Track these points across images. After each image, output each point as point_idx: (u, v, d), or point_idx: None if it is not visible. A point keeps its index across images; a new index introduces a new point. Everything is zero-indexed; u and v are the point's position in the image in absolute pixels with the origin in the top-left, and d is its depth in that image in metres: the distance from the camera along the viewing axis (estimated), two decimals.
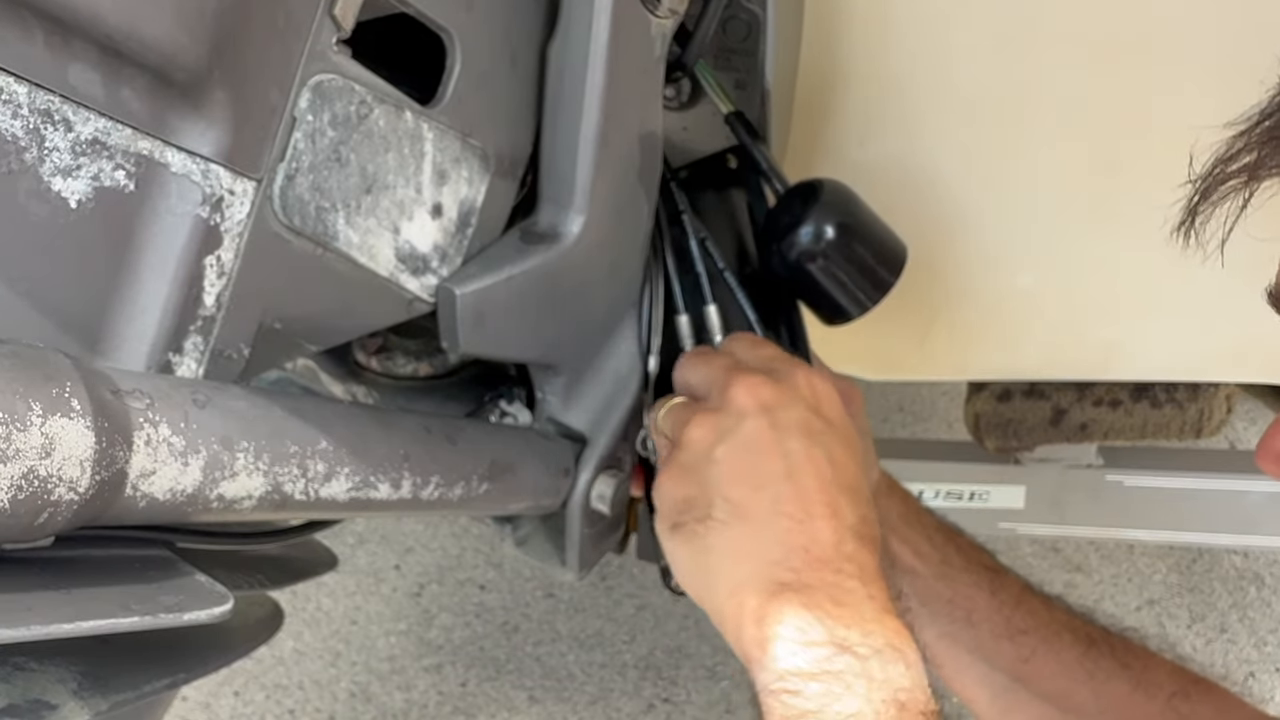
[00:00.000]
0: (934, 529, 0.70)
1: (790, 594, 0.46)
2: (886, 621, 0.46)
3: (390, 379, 0.63)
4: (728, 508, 0.49)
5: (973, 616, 0.68)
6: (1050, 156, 0.74)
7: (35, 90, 0.32)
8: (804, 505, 0.48)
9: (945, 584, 0.68)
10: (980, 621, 0.68)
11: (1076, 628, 0.71)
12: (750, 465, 0.49)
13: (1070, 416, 1.17)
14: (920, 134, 0.74)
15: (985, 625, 0.68)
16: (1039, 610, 0.70)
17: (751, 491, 0.49)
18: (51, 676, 0.35)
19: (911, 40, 0.70)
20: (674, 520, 0.51)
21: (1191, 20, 0.68)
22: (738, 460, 0.49)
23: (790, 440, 0.49)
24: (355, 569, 1.59)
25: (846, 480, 0.50)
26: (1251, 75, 0.70)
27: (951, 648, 0.69)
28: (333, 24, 0.38)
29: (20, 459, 0.29)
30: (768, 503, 0.48)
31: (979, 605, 0.68)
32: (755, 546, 0.48)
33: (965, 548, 0.71)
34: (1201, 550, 1.60)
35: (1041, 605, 0.70)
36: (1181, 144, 0.73)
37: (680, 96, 0.62)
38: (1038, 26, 0.69)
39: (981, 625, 0.68)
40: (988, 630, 0.68)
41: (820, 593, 0.46)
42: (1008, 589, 0.69)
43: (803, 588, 0.46)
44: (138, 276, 0.36)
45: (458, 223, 0.48)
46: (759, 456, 0.49)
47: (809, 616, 0.45)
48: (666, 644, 1.49)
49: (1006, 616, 0.68)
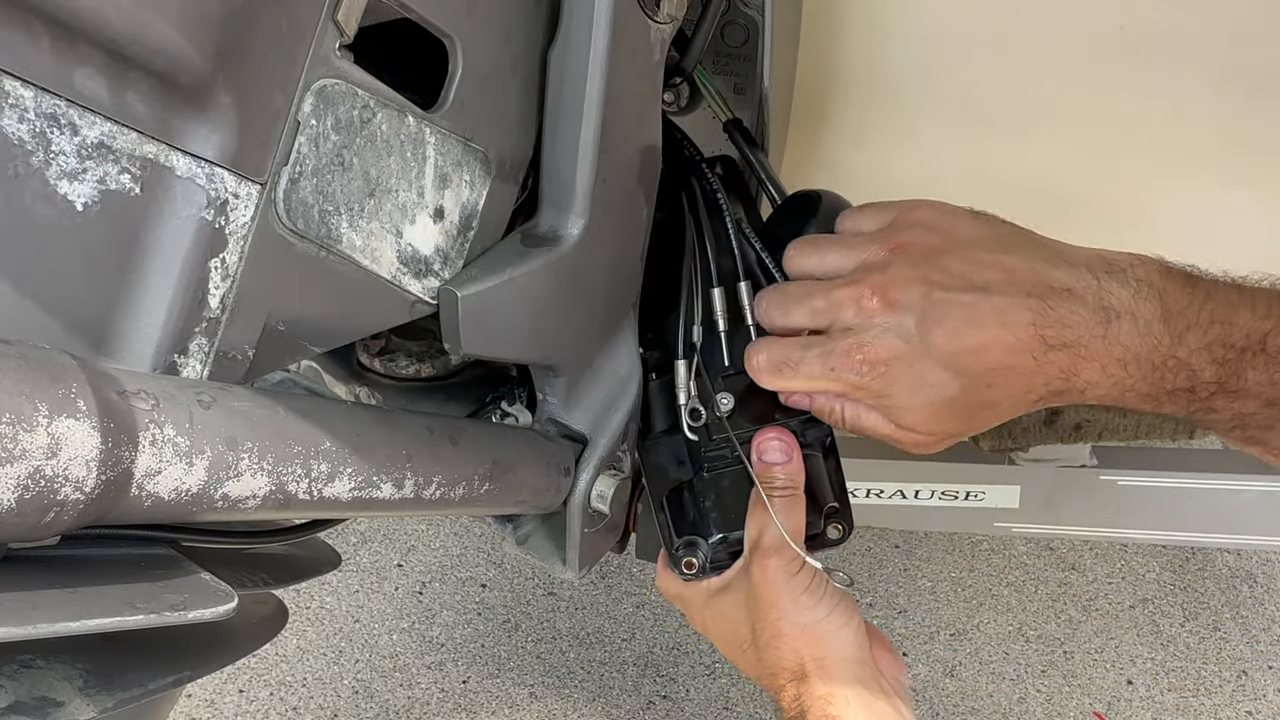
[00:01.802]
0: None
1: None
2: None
3: (393, 380, 0.64)
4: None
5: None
6: (1045, 160, 0.74)
7: (41, 94, 0.33)
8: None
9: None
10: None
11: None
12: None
13: (1064, 417, 1.18)
14: (917, 138, 0.75)
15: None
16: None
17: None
18: (58, 674, 0.36)
19: (908, 45, 0.70)
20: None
21: (1188, 23, 0.69)
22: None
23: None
24: (358, 567, 1.59)
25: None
26: (1249, 77, 0.71)
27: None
28: (336, 29, 0.39)
29: (27, 459, 0.30)
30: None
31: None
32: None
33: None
34: (1195, 549, 1.61)
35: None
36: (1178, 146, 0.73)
37: (679, 101, 0.62)
38: (1033, 32, 0.69)
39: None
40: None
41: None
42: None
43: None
44: (143, 279, 0.37)
45: (459, 225, 0.48)
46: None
47: None
48: (665, 641, 1.49)
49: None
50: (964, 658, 1.48)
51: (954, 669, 1.46)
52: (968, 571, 1.59)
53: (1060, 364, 0.49)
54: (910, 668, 1.45)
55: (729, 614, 0.60)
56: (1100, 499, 1.49)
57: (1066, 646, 1.48)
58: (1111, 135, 0.74)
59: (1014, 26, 0.69)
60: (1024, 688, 1.43)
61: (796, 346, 0.54)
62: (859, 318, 0.51)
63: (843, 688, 0.55)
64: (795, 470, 0.58)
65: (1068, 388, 0.50)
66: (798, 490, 0.59)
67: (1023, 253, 0.50)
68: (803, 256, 0.55)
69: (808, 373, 0.53)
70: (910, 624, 1.52)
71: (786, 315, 0.55)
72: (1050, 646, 1.48)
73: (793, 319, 0.54)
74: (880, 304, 0.50)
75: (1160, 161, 0.77)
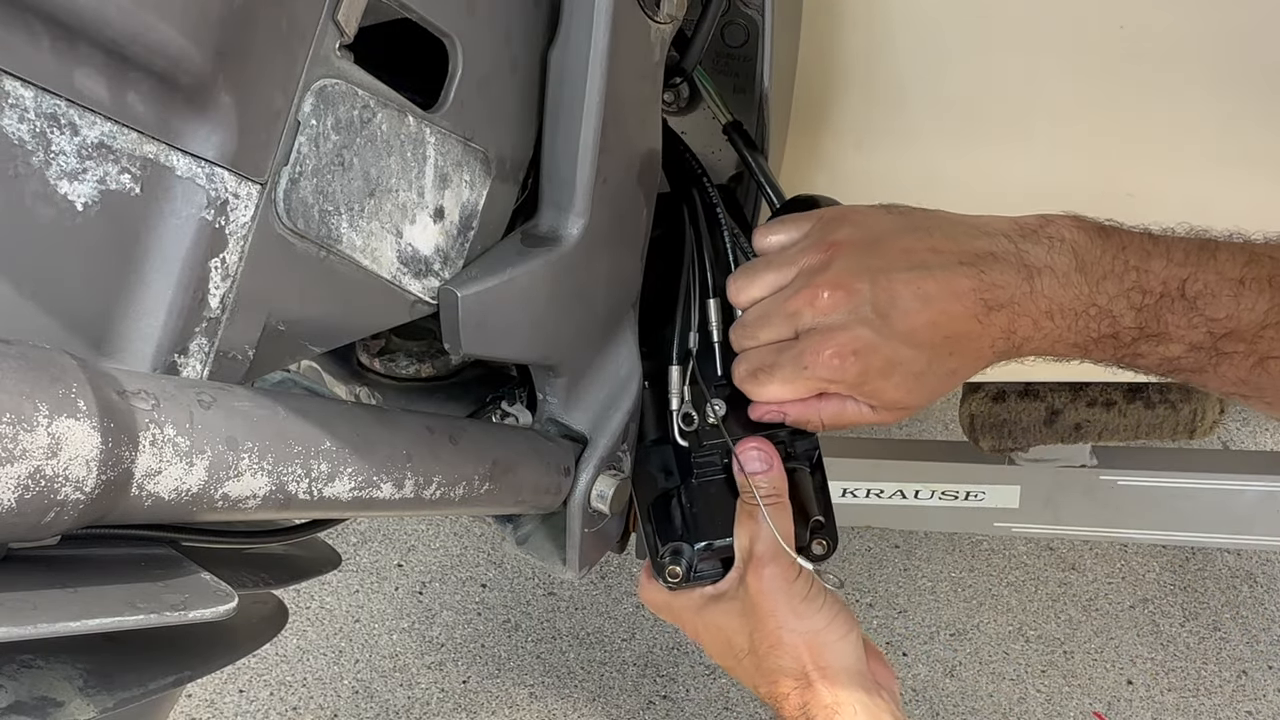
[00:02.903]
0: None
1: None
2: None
3: (393, 380, 0.64)
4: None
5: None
6: (1045, 161, 0.74)
7: (41, 94, 0.33)
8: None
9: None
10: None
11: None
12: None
13: (1064, 417, 1.18)
14: (917, 139, 0.75)
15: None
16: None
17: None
18: (58, 674, 0.35)
19: (908, 46, 0.70)
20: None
21: (1188, 23, 0.69)
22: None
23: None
24: (358, 567, 1.59)
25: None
26: (1249, 77, 0.71)
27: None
28: (336, 29, 0.39)
29: (27, 459, 0.30)
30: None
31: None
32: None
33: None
34: (1195, 549, 1.61)
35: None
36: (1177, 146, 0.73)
37: (679, 101, 0.62)
38: (1033, 32, 0.69)
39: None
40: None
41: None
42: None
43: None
44: (143, 279, 0.37)
45: (459, 225, 0.48)
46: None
47: None
48: (665, 642, 1.49)
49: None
50: (964, 658, 1.48)
51: (954, 669, 1.46)
52: (968, 571, 1.59)
53: (1000, 324, 0.52)
54: (910, 668, 1.45)
55: (723, 623, 0.60)
56: (1100, 499, 1.49)
57: (1066, 646, 1.48)
58: (1112, 135, 0.74)
59: (1014, 27, 0.69)
60: (1024, 688, 1.43)
61: (771, 353, 0.56)
62: (818, 316, 0.53)
63: (848, 698, 0.56)
64: (777, 478, 0.60)
65: (1009, 346, 0.53)
66: (782, 498, 0.59)
67: (943, 231, 0.53)
68: (746, 287, 0.58)
69: (783, 376, 0.55)
70: (910, 624, 1.52)
71: (754, 340, 0.57)
72: (1050, 646, 1.48)
73: (760, 340, 0.57)
74: (833, 300, 0.53)
75: (1160, 161, 0.77)
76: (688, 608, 0.62)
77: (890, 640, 1.49)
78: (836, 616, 0.58)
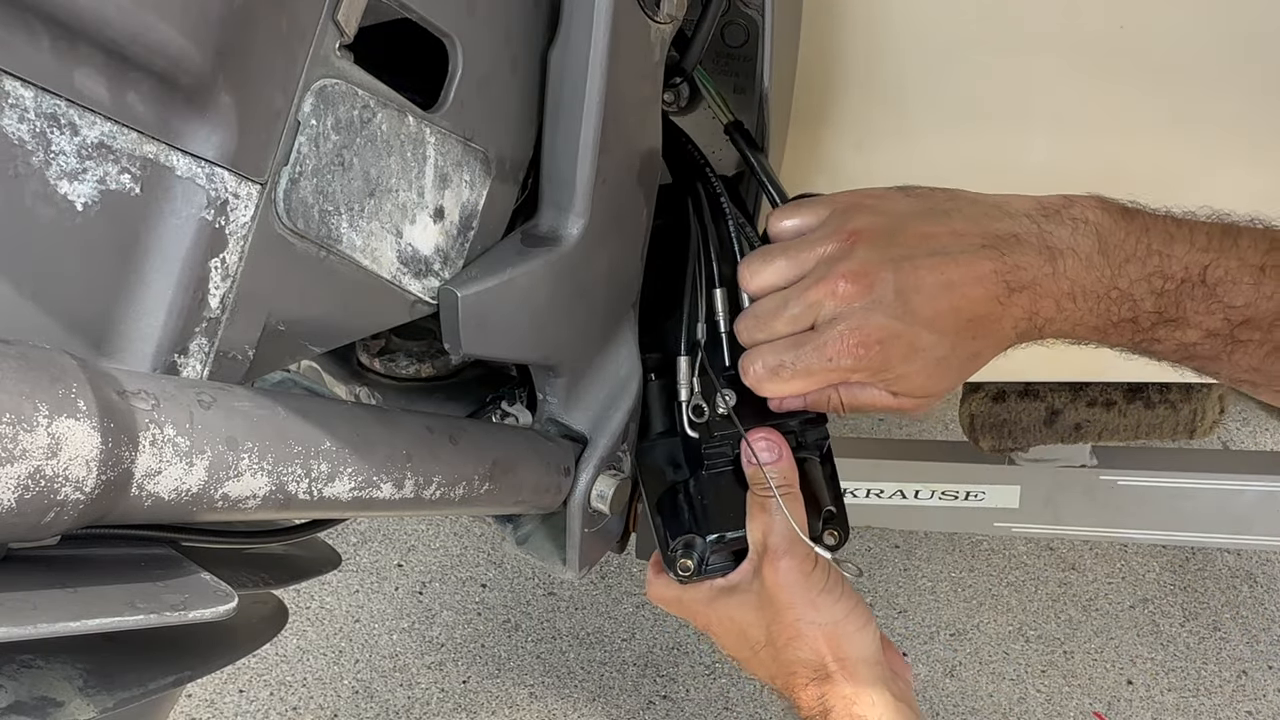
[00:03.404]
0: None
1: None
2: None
3: (393, 380, 0.64)
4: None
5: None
6: (1046, 160, 0.74)
7: (41, 94, 0.33)
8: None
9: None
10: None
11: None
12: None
13: (1064, 417, 1.18)
14: (918, 138, 0.75)
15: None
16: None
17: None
18: (58, 674, 0.36)
19: (909, 46, 0.70)
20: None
21: (1188, 23, 0.69)
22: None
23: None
24: (358, 567, 1.59)
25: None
26: (1249, 77, 0.71)
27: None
28: (336, 29, 0.39)
29: (27, 459, 0.30)
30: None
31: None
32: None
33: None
34: (1195, 549, 1.61)
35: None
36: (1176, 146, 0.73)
37: (680, 101, 0.62)
38: (1034, 32, 0.69)
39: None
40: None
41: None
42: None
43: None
44: (143, 279, 0.37)
45: (459, 226, 0.48)
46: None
47: None
48: (665, 641, 1.49)
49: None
50: (964, 658, 1.48)
51: (954, 669, 1.46)
52: (968, 571, 1.59)
53: (1023, 305, 0.51)
54: (910, 668, 1.45)
55: (738, 616, 0.60)
56: (1100, 499, 1.49)
57: (1066, 646, 1.48)
58: (1112, 135, 0.74)
59: (1015, 26, 0.69)
60: (1024, 688, 1.43)
61: (788, 347, 0.54)
62: (840, 306, 0.52)
63: (868, 689, 0.56)
64: (787, 468, 0.59)
65: (1030, 327, 0.52)
66: (793, 488, 0.59)
67: (964, 213, 0.53)
68: (760, 271, 0.56)
69: (806, 369, 0.54)
70: (910, 624, 1.52)
71: (768, 330, 0.56)
72: (1050, 646, 1.48)
73: (775, 331, 0.56)
74: (856, 289, 0.52)
75: (1160, 161, 0.77)
76: (699, 601, 0.61)
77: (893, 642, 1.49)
78: (855, 608, 0.57)
